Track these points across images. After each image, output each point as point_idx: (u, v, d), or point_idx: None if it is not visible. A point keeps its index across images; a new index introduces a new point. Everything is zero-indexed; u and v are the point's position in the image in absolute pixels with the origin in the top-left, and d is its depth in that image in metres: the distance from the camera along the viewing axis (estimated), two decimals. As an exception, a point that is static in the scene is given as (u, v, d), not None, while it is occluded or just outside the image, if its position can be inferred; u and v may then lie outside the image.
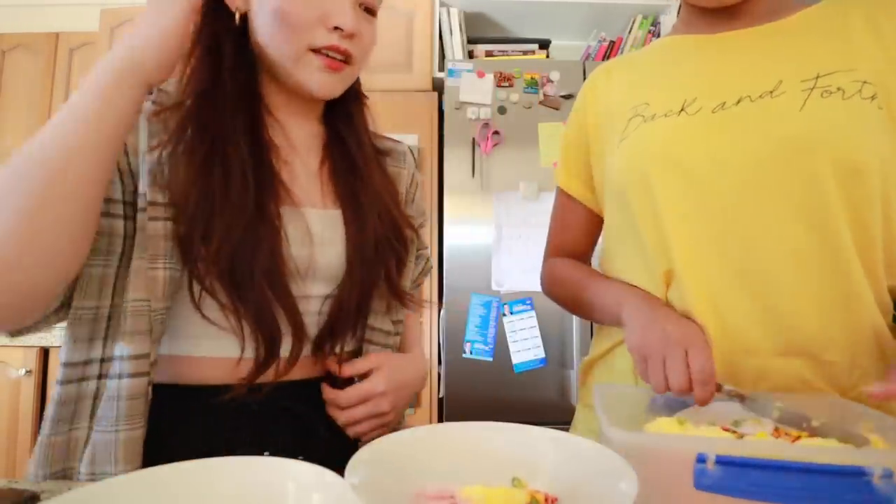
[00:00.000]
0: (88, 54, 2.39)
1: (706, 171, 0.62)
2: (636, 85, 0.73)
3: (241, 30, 0.62)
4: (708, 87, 0.65)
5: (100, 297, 0.56)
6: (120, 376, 0.53)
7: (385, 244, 0.67)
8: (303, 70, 0.61)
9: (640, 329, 0.60)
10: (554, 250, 0.86)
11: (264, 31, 0.60)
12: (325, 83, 0.62)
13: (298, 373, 0.62)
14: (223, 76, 0.60)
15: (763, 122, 0.60)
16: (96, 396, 0.55)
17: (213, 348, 0.59)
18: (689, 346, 0.54)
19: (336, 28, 0.60)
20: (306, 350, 0.63)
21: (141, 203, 0.55)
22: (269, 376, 0.59)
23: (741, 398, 0.52)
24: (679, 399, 0.54)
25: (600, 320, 0.75)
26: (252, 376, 0.57)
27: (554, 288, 0.84)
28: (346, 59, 0.62)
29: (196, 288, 0.56)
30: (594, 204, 0.81)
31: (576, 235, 0.85)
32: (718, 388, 0.52)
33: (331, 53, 0.61)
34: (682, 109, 0.66)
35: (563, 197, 0.84)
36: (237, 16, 0.61)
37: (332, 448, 0.61)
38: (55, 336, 1.97)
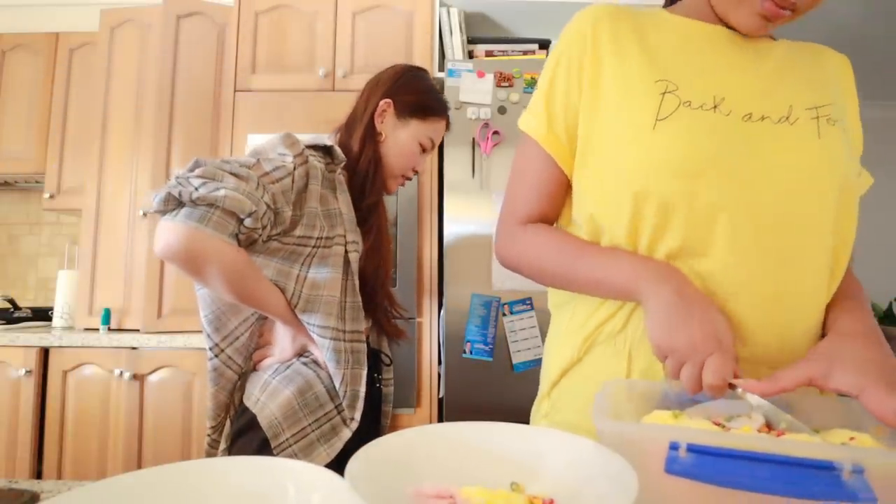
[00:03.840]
0: (88, 54, 2.39)
1: (742, 185, 0.60)
2: (653, 54, 0.66)
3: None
4: (737, 91, 0.63)
5: (336, 292, 0.95)
6: (361, 341, 0.99)
7: None
8: (392, 183, 1.12)
9: (666, 325, 0.55)
10: (522, 220, 0.73)
11: (397, 149, 1.09)
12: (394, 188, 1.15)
13: None
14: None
15: (787, 148, 0.61)
16: (350, 350, 0.97)
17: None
18: (711, 351, 0.52)
19: (415, 170, 1.15)
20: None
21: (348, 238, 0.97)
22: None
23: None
24: (692, 396, 0.54)
25: (601, 294, 0.66)
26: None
27: (532, 258, 0.71)
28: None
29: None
30: (570, 173, 0.71)
31: (552, 205, 0.73)
32: (731, 387, 0.52)
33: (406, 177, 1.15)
34: (715, 106, 0.62)
35: (542, 157, 0.71)
36: (382, 136, 1.09)
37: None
38: (54, 336, 1.97)
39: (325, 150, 0.99)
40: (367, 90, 1.11)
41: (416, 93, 1.11)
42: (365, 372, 0.98)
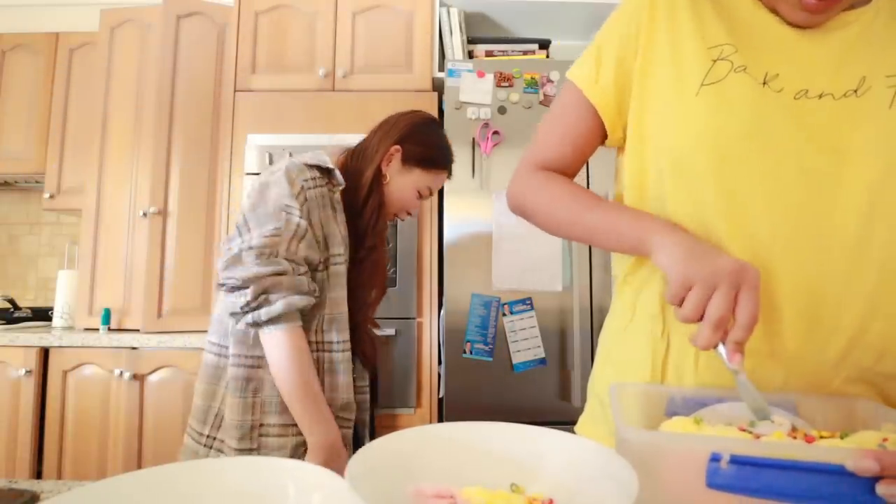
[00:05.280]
0: (88, 54, 2.39)
1: (781, 163, 0.57)
2: (709, 22, 0.63)
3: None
4: (792, 66, 0.60)
5: (345, 307, 1.01)
6: (343, 350, 1.01)
7: None
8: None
9: (684, 257, 0.51)
10: (540, 165, 0.73)
11: (397, 193, 1.14)
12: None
13: None
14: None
15: (848, 125, 0.57)
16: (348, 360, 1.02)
17: None
18: (742, 282, 0.48)
19: (409, 212, 1.19)
20: None
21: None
22: None
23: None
24: (697, 399, 0.53)
25: (609, 245, 0.65)
26: None
27: (544, 202, 0.70)
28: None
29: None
30: (614, 130, 0.69)
31: (577, 158, 0.72)
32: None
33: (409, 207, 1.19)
34: (764, 81, 0.59)
35: (583, 106, 0.69)
36: (386, 179, 1.13)
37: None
38: (54, 336, 1.97)
39: (326, 171, 1.03)
40: (381, 131, 1.15)
41: (425, 145, 1.15)
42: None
